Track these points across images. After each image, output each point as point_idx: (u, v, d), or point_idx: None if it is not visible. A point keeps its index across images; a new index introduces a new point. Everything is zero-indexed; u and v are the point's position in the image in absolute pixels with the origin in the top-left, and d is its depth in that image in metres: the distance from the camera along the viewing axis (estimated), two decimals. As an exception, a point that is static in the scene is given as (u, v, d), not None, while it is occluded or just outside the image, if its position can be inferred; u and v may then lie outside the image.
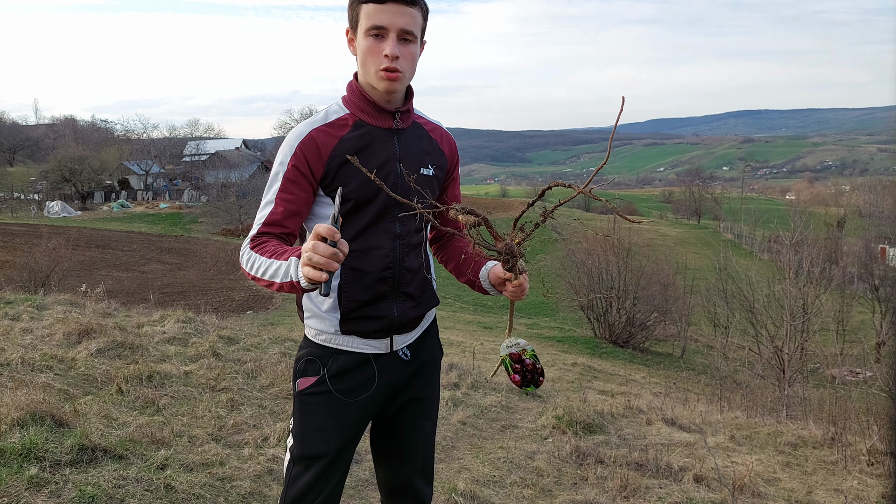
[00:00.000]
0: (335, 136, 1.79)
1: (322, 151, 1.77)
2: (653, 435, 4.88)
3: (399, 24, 1.72)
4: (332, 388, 1.83)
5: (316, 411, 1.85)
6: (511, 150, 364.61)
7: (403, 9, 1.73)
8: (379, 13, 1.72)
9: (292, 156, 1.77)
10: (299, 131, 1.79)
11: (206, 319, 6.95)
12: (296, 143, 1.77)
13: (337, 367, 1.84)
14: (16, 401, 3.40)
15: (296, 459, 1.88)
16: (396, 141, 1.84)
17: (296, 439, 1.88)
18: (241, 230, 37.48)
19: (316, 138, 1.78)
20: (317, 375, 1.85)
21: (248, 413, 4.21)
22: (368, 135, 1.81)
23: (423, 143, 1.91)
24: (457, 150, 2.04)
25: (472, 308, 21.92)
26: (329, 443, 1.84)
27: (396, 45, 1.73)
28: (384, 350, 1.88)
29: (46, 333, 5.48)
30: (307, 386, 1.86)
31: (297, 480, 1.86)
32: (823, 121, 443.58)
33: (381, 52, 1.73)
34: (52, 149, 63.45)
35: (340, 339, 1.85)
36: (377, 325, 1.84)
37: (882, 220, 39.45)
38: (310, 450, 1.85)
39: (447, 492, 3.39)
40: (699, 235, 47.33)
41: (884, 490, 3.97)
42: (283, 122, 66.17)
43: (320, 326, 1.86)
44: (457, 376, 6.15)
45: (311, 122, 1.82)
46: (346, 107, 1.85)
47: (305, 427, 1.86)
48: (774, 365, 13.53)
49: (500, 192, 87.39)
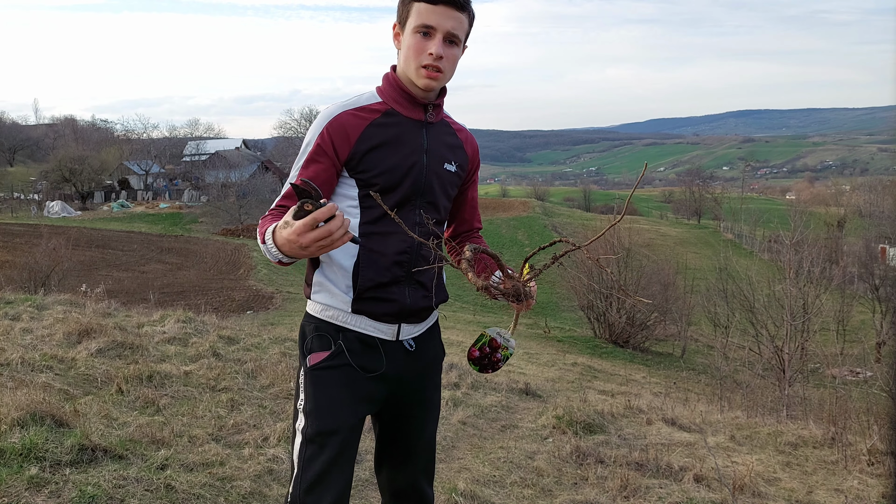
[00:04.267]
0: (365, 119, 1.83)
1: (350, 134, 1.81)
2: (653, 435, 4.88)
3: (447, 27, 1.78)
4: (350, 359, 1.82)
5: (330, 384, 1.83)
6: (511, 149, 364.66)
7: (453, 13, 1.78)
8: (430, 13, 1.77)
9: (318, 136, 1.81)
10: (329, 112, 1.84)
11: (206, 319, 6.96)
12: (324, 123, 1.82)
13: (348, 343, 1.84)
14: (16, 401, 3.40)
15: (309, 438, 1.81)
16: (425, 133, 1.89)
17: (308, 417, 1.82)
18: (241, 230, 37.47)
19: (344, 121, 1.81)
20: (329, 350, 1.83)
21: (248, 413, 4.21)
22: (398, 124, 1.85)
23: (449, 140, 1.96)
24: (478, 153, 2.08)
25: (472, 308, 21.91)
26: (345, 417, 1.81)
27: (442, 46, 1.78)
28: (391, 337, 1.88)
29: (46, 333, 5.48)
30: (320, 360, 1.84)
31: (312, 462, 1.79)
32: (823, 121, 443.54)
33: (427, 50, 1.78)
34: (52, 149, 63.49)
35: (349, 318, 1.85)
36: (388, 308, 1.85)
37: (882, 219, 39.43)
38: (326, 424, 1.80)
39: (447, 492, 3.39)
40: (699, 235, 47.34)
41: (884, 490, 3.97)
42: (283, 122, 66.36)
43: (330, 302, 1.85)
44: (457, 376, 6.14)
45: (343, 104, 1.86)
46: (379, 95, 1.88)
47: (320, 401, 1.82)
48: (775, 365, 13.53)
49: (500, 191, 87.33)
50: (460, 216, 2.10)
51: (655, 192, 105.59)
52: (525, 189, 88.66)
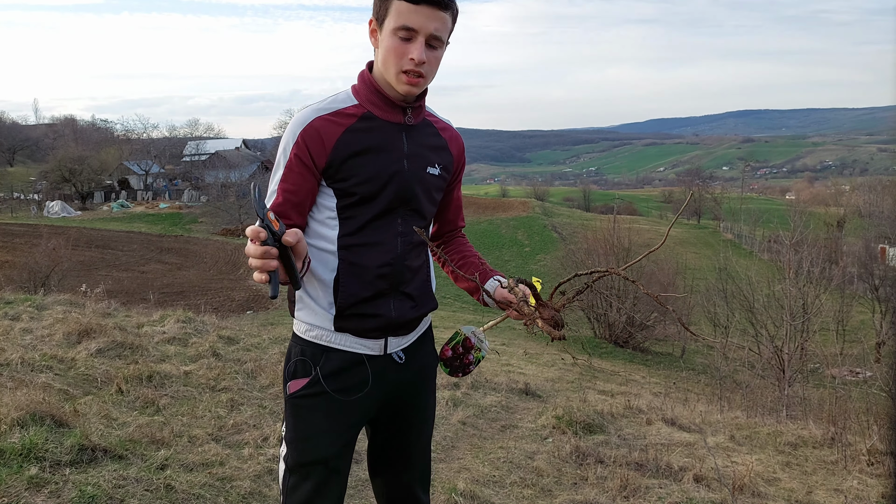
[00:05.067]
0: (341, 125, 1.72)
1: (326, 142, 1.69)
2: (653, 435, 4.88)
3: (430, 29, 1.64)
4: (326, 387, 1.73)
5: (309, 414, 1.75)
6: (511, 149, 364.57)
7: (437, 13, 1.64)
8: (411, 14, 1.63)
9: (294, 144, 1.70)
10: (303, 117, 1.71)
11: (205, 319, 6.96)
12: (298, 129, 1.70)
13: (330, 366, 1.75)
14: (16, 401, 3.40)
15: (291, 468, 1.76)
16: (405, 137, 1.77)
17: (289, 447, 1.77)
18: (241, 230, 37.49)
19: (319, 127, 1.70)
20: (308, 376, 1.75)
21: (248, 413, 4.21)
22: (376, 129, 1.74)
23: (432, 142, 1.84)
24: (464, 151, 1.97)
25: (472, 308, 21.91)
26: (326, 447, 1.75)
27: (424, 50, 1.65)
28: (378, 352, 1.80)
29: (46, 333, 5.48)
30: (299, 388, 1.76)
31: (295, 491, 1.75)
32: (823, 121, 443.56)
33: (408, 54, 1.65)
34: (52, 149, 63.45)
35: (333, 337, 1.76)
36: (373, 324, 1.76)
37: (882, 219, 39.41)
38: (306, 457, 1.74)
39: (447, 492, 3.39)
40: (699, 235, 47.30)
41: (884, 490, 3.97)
42: (283, 122, 66.16)
43: (312, 321, 1.77)
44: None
45: (317, 108, 1.73)
46: (355, 97, 1.76)
47: (299, 433, 1.75)
48: (774, 365, 13.52)
49: (499, 192, 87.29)
50: (444, 217, 2.01)
51: (655, 192, 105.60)
52: (525, 189, 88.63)
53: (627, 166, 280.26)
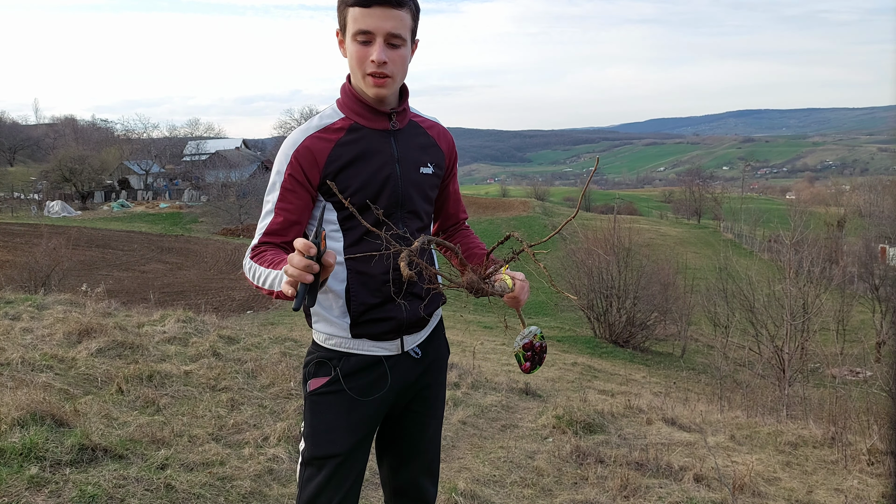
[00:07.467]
0: (330, 140, 1.77)
1: (318, 159, 1.75)
2: (653, 434, 4.88)
3: (386, 28, 1.68)
4: (344, 385, 1.81)
5: (327, 410, 1.83)
6: (511, 149, 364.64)
7: (390, 12, 1.68)
8: (365, 17, 1.67)
9: (288, 165, 1.76)
10: (294, 139, 1.77)
11: (206, 319, 6.96)
12: (291, 151, 1.76)
13: (349, 367, 1.83)
14: (16, 401, 3.40)
15: (306, 462, 1.85)
16: (393, 142, 1.82)
17: (306, 441, 1.86)
18: (241, 230, 37.51)
19: (310, 146, 1.76)
20: (328, 376, 1.83)
21: (248, 413, 4.21)
22: (364, 138, 1.79)
23: (421, 142, 1.89)
24: (454, 145, 2.01)
25: (472, 308, 21.92)
26: (340, 442, 1.82)
27: (384, 51, 1.69)
28: (395, 351, 1.88)
29: (47, 333, 5.48)
30: (319, 386, 1.84)
31: (310, 482, 1.84)
32: (823, 121, 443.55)
33: (368, 57, 1.70)
34: (53, 149, 63.51)
35: (351, 343, 1.84)
36: (387, 327, 1.84)
37: (882, 219, 39.43)
38: (320, 450, 1.83)
39: (447, 491, 3.39)
40: (699, 235, 47.31)
41: (884, 490, 3.97)
42: (283, 122, 66.29)
43: (330, 331, 1.84)
44: (457, 376, 6.15)
45: (306, 128, 1.80)
46: (340, 110, 1.82)
47: (316, 427, 1.84)
48: (774, 364, 13.52)
49: (500, 191, 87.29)
50: (445, 211, 2.07)
51: (655, 192, 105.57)
52: (525, 189, 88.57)
53: (628, 166, 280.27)
